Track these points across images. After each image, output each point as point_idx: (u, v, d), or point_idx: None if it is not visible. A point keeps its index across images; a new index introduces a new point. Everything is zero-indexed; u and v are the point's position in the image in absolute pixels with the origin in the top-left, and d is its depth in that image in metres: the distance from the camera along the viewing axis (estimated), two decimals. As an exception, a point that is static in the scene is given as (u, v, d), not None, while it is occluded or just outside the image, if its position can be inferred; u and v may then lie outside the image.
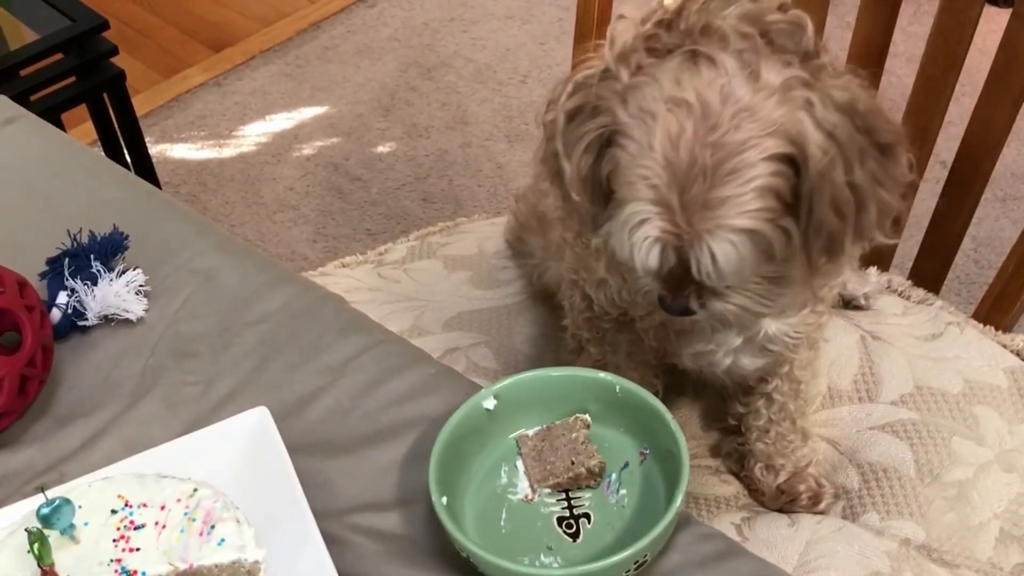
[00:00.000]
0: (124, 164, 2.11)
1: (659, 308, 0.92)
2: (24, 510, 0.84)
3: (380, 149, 2.55)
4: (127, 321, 1.03)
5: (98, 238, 1.07)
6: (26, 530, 0.78)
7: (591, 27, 1.40)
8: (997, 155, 1.24)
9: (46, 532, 0.78)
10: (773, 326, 1.02)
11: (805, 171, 0.81)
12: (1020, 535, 1.07)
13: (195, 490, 0.82)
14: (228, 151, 2.58)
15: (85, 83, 2.00)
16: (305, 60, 2.84)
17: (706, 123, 0.80)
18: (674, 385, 1.17)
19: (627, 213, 0.83)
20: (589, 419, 0.90)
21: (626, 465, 0.88)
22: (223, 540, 0.79)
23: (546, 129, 0.92)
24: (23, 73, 1.95)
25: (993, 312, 1.25)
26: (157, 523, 0.81)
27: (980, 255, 2.13)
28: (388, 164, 2.50)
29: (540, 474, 0.87)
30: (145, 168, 2.17)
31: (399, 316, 1.30)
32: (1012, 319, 1.25)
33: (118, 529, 0.80)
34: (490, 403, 0.89)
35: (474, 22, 2.90)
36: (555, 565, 0.82)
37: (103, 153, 2.08)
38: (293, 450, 0.86)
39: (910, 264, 1.34)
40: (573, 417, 0.89)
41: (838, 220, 0.83)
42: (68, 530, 0.80)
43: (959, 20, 1.19)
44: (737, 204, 0.80)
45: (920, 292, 1.30)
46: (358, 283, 1.36)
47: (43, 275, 1.06)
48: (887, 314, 1.26)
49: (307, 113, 2.67)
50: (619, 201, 0.85)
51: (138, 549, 0.79)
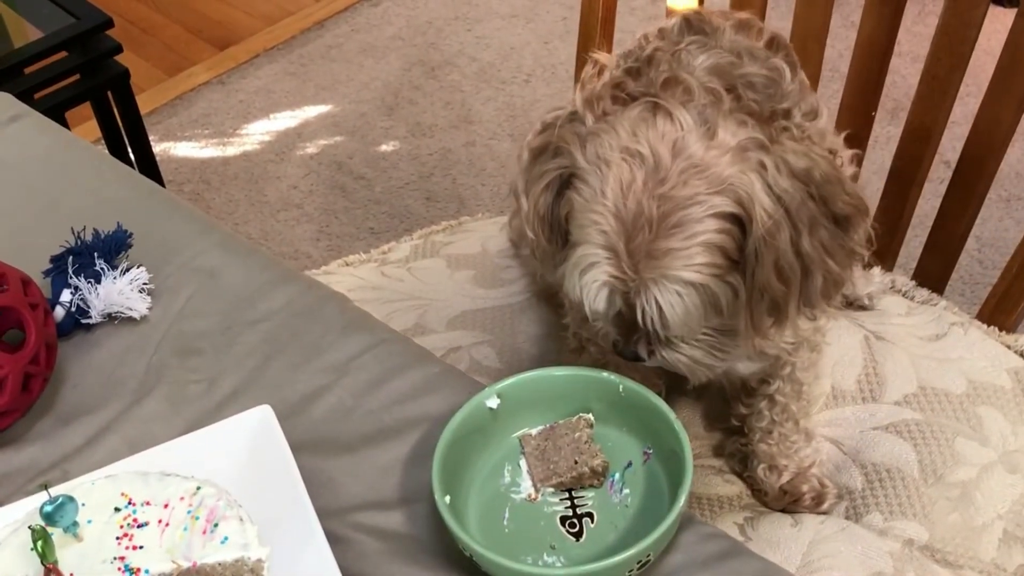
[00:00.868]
0: (128, 162, 2.10)
1: (613, 351, 0.93)
2: (27, 507, 0.84)
3: (384, 148, 2.55)
4: (130, 319, 1.03)
5: (102, 236, 1.07)
6: (29, 527, 0.78)
7: (595, 26, 1.40)
8: (1002, 155, 1.24)
9: (49, 530, 0.78)
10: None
11: (749, 232, 0.82)
12: (1023, 536, 1.07)
13: (198, 488, 0.82)
14: (232, 149, 2.58)
15: (89, 81, 2.00)
16: (309, 59, 2.84)
17: (656, 175, 0.81)
18: (677, 385, 1.17)
19: (578, 255, 0.85)
20: (592, 419, 0.90)
21: (629, 465, 0.88)
22: (226, 538, 0.79)
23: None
24: (27, 71, 1.95)
25: (997, 312, 1.25)
26: (160, 521, 0.81)
27: (984, 255, 2.13)
28: (392, 163, 2.50)
29: (543, 473, 0.87)
30: (149, 166, 2.17)
31: (402, 315, 1.30)
32: (1016, 320, 1.25)
33: (121, 527, 0.81)
34: (493, 402, 0.89)
35: (478, 21, 2.90)
36: (558, 564, 0.82)
37: (107, 151, 2.08)
38: (296, 448, 0.86)
39: (914, 264, 1.34)
40: (576, 416, 0.89)
41: (781, 285, 0.84)
42: (71, 528, 0.80)
43: (964, 20, 1.19)
44: (681, 256, 0.82)
45: (924, 292, 1.29)
46: (361, 282, 1.36)
47: (47, 273, 1.06)
48: (891, 314, 1.25)
49: (311, 112, 2.67)
50: (573, 243, 0.87)
51: (141, 547, 0.79)
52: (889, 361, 1.19)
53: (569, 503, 0.86)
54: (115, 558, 0.79)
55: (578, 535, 0.84)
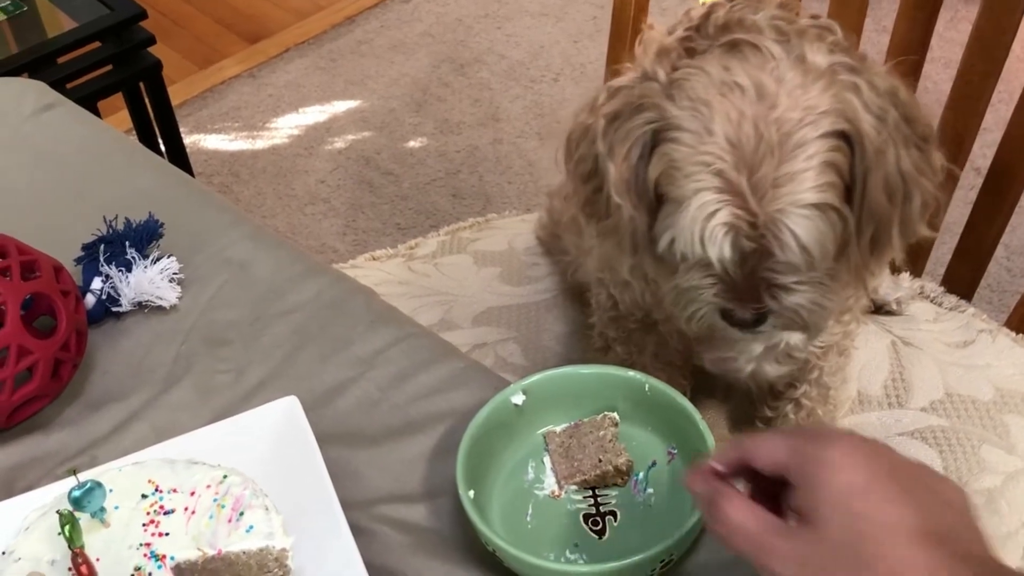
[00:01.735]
0: (158, 153, 2.12)
1: (721, 326, 0.88)
2: (56, 492, 0.84)
3: (411, 144, 2.55)
4: (160, 308, 1.04)
5: (133, 225, 1.08)
6: (57, 512, 0.78)
7: (627, 25, 1.40)
8: (1033, 163, 1.23)
9: (77, 515, 0.79)
10: (795, 336, 1.01)
11: (860, 150, 0.80)
12: (1048, 546, 1.06)
13: (225, 477, 0.83)
14: (261, 143, 2.60)
15: (122, 72, 2.01)
16: (339, 54, 2.85)
17: (764, 103, 0.79)
18: (702, 386, 1.17)
19: (693, 207, 0.81)
20: (617, 417, 0.90)
21: (653, 464, 0.88)
22: (252, 527, 0.79)
23: (573, 152, 0.91)
24: (61, 61, 1.96)
25: (1026, 320, 1.25)
26: (187, 508, 0.81)
27: (1013, 263, 2.12)
28: (419, 159, 2.51)
29: (567, 471, 0.87)
30: (179, 158, 2.18)
31: (428, 310, 1.30)
32: (1045, 328, 1.24)
33: (148, 513, 0.81)
34: (519, 398, 0.89)
35: (508, 19, 2.91)
36: (580, 562, 0.82)
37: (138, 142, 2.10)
38: (322, 440, 0.86)
39: (942, 271, 1.33)
40: (601, 415, 0.89)
41: (889, 204, 0.82)
42: (99, 513, 0.80)
43: (999, 25, 1.18)
44: (805, 179, 0.79)
45: (952, 299, 1.29)
46: (388, 276, 1.37)
47: (78, 260, 1.07)
48: (919, 320, 1.25)
49: (340, 107, 2.68)
50: (676, 202, 0.83)
51: (167, 534, 0.80)
52: (916, 367, 1.18)
53: (592, 501, 0.86)
54: (141, 544, 0.79)
55: (601, 533, 0.84)
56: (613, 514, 0.85)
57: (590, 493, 0.87)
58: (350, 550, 0.79)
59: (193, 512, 0.81)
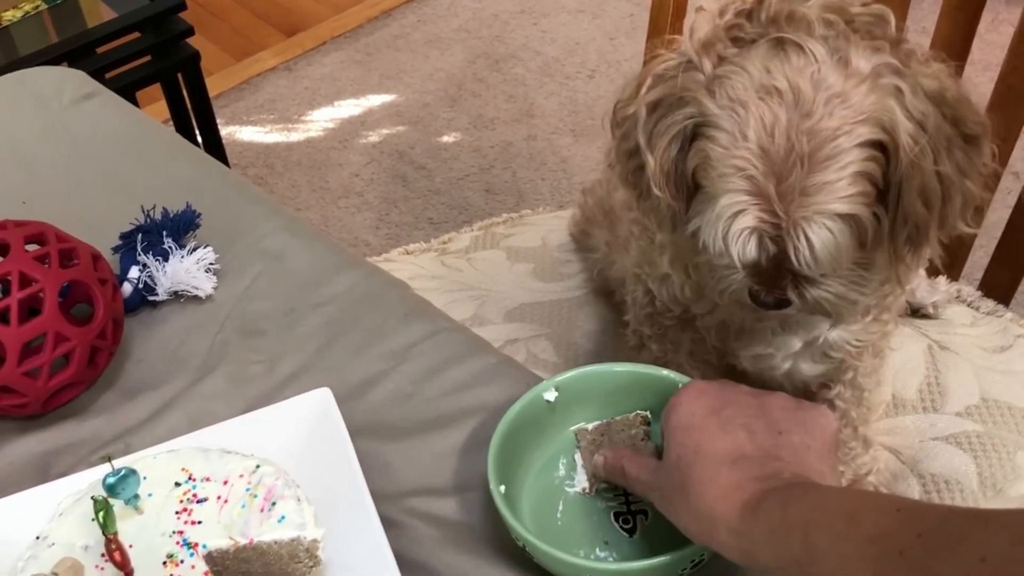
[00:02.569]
0: (195, 144, 2.13)
1: (749, 305, 0.90)
2: (90, 478, 0.85)
3: (445, 139, 2.55)
4: (196, 298, 1.05)
5: (171, 215, 1.09)
6: (92, 498, 0.79)
7: (665, 22, 1.39)
8: (1075, 167, 1.22)
9: (111, 501, 0.79)
10: (834, 332, 1.01)
11: (896, 159, 0.80)
12: (1083, 555, 1.05)
13: (257, 466, 0.83)
14: (296, 135, 2.61)
15: (160, 62, 2.03)
16: (375, 48, 2.85)
17: (800, 110, 0.79)
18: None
19: (721, 205, 0.82)
20: (649, 416, 0.89)
21: (686, 463, 0.87)
22: (283, 517, 0.79)
23: (619, 126, 0.91)
24: (100, 51, 1.98)
25: (1064, 326, 1.23)
26: (219, 497, 0.81)
27: (1051, 269, 2.09)
28: (453, 154, 2.51)
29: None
30: (215, 149, 2.20)
31: (461, 305, 1.30)
32: (1084, 334, 1.22)
33: (181, 501, 0.82)
34: (551, 395, 0.89)
35: (544, 15, 2.90)
36: (611, 560, 0.82)
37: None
38: (354, 432, 0.86)
39: (980, 275, 1.32)
40: (633, 414, 0.89)
41: (925, 210, 0.82)
42: (132, 500, 0.81)
43: (1043, 28, 1.16)
44: (835, 190, 0.80)
45: (990, 303, 1.27)
46: (421, 270, 1.37)
47: (116, 249, 1.08)
48: (955, 324, 1.24)
49: (375, 100, 2.69)
50: (708, 195, 0.84)
51: (200, 522, 0.80)
52: (952, 371, 1.17)
53: (623, 499, 0.86)
54: (174, 532, 0.80)
55: (631, 531, 0.84)
56: (644, 513, 0.85)
57: (621, 491, 0.87)
58: (380, 542, 0.79)
59: (226, 501, 0.81)
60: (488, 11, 2.94)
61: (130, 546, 0.78)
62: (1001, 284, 1.30)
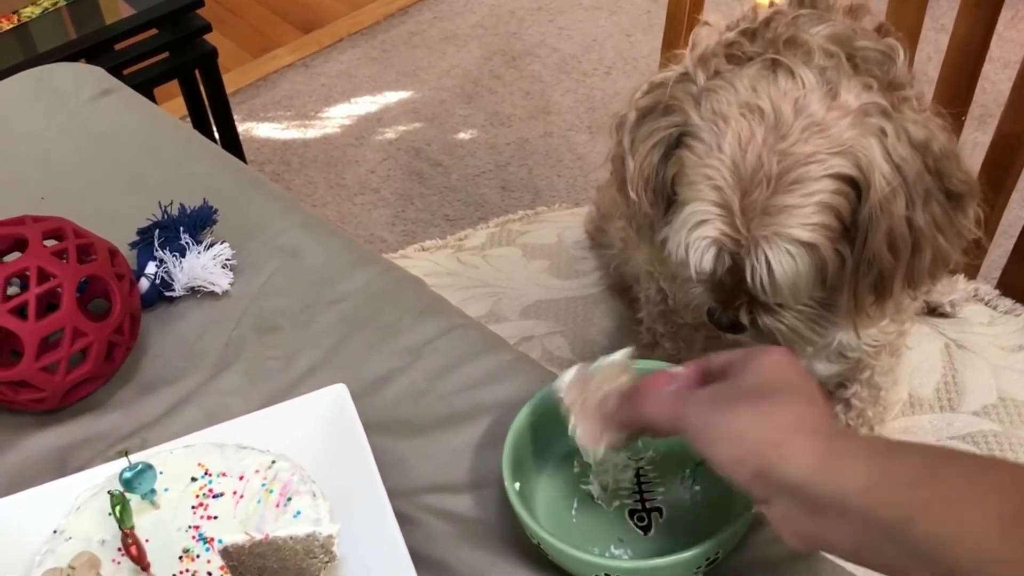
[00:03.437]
0: (212, 140, 2.14)
1: (708, 321, 0.92)
2: (107, 473, 0.85)
3: (461, 136, 2.56)
4: (212, 293, 1.05)
5: (188, 211, 1.09)
6: (109, 492, 0.79)
7: (682, 19, 1.39)
8: (1093, 166, 1.21)
9: (128, 496, 0.79)
10: (847, 335, 1.01)
11: (866, 197, 0.80)
12: (1101, 555, 1.04)
13: (273, 462, 0.83)
14: (312, 132, 2.61)
15: (178, 59, 2.03)
16: (391, 44, 2.86)
17: (776, 132, 0.80)
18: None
19: (687, 213, 0.84)
20: (630, 358, 0.81)
21: (702, 461, 0.87)
22: (299, 512, 0.80)
23: (616, 126, 0.92)
24: (118, 47, 1.99)
25: (1082, 326, 1.22)
26: (235, 492, 0.82)
27: (1069, 268, 2.08)
28: (469, 151, 2.51)
29: (586, 429, 0.79)
30: (232, 145, 2.20)
31: (477, 301, 1.30)
32: (1102, 334, 1.22)
33: (197, 496, 0.82)
34: (566, 392, 0.88)
35: (561, 11, 2.90)
36: (625, 557, 0.82)
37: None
38: (369, 428, 0.87)
39: (997, 274, 1.32)
40: (619, 354, 0.80)
41: (891, 257, 0.82)
42: (149, 495, 0.81)
43: (1063, 25, 1.16)
44: (797, 215, 0.81)
45: (1007, 302, 1.27)
46: (437, 267, 1.37)
47: (133, 245, 1.08)
48: (973, 323, 1.23)
49: (391, 97, 2.69)
50: (680, 203, 0.86)
51: (216, 517, 0.80)
52: (969, 370, 1.17)
53: (638, 497, 0.86)
54: (190, 526, 0.80)
55: (646, 529, 0.84)
56: (659, 511, 0.85)
57: (636, 489, 0.86)
58: (395, 538, 0.79)
59: (241, 496, 0.82)
60: (505, 7, 2.93)
61: (146, 540, 0.79)
62: (1019, 283, 1.29)
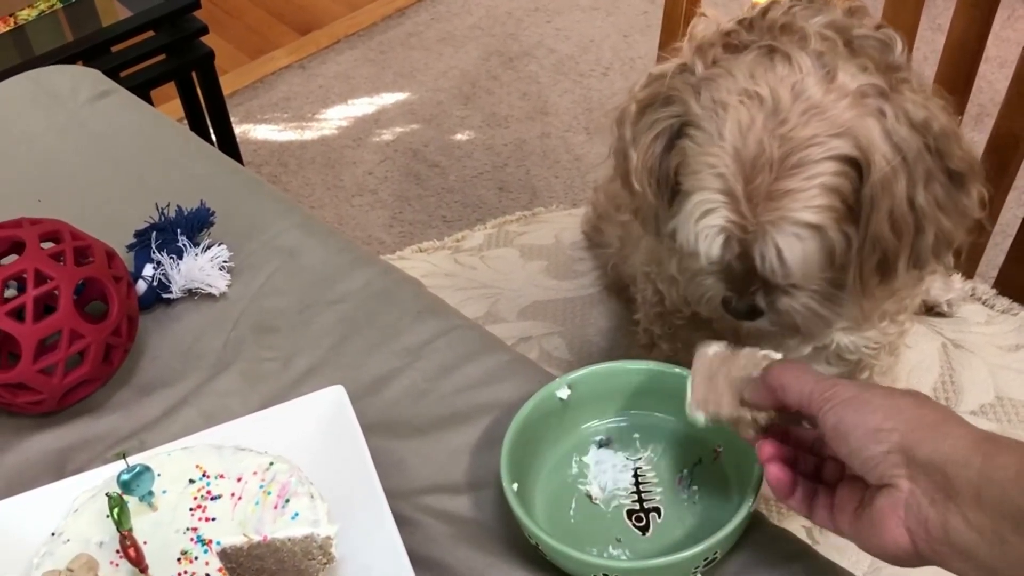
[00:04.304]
0: (209, 142, 2.14)
1: (722, 312, 0.91)
2: (105, 475, 0.85)
3: (459, 137, 2.55)
4: (210, 295, 1.05)
5: (185, 213, 1.09)
6: (107, 495, 0.79)
7: (679, 20, 1.39)
8: (1090, 165, 1.21)
9: (126, 498, 0.79)
10: (846, 337, 1.01)
11: (867, 177, 0.80)
12: (1099, 554, 1.04)
13: (271, 464, 0.83)
14: (310, 134, 2.61)
15: (175, 61, 2.03)
16: (389, 46, 2.85)
17: (776, 117, 0.80)
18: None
19: (693, 202, 0.84)
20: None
21: (699, 461, 0.87)
22: (297, 514, 0.80)
23: (619, 124, 0.92)
24: (115, 49, 1.99)
25: (1080, 325, 1.22)
26: (233, 494, 0.82)
27: (1067, 267, 2.08)
28: (466, 152, 2.51)
29: (702, 395, 0.79)
30: (229, 147, 2.20)
31: (474, 302, 1.30)
32: (1100, 333, 1.22)
33: (195, 498, 0.82)
34: (564, 392, 0.89)
35: (558, 12, 2.90)
36: (623, 558, 0.82)
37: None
38: (367, 429, 0.87)
39: (995, 273, 1.32)
40: (762, 353, 0.80)
41: (894, 237, 0.82)
42: (147, 497, 0.81)
43: (1059, 25, 1.16)
44: (801, 198, 0.81)
45: (1005, 301, 1.27)
46: (435, 268, 1.37)
47: (131, 247, 1.08)
48: (970, 322, 1.23)
49: (388, 99, 2.69)
50: (685, 193, 0.86)
51: (214, 519, 0.80)
52: (967, 370, 1.17)
53: (636, 497, 0.86)
54: (188, 528, 0.80)
55: (644, 529, 0.84)
56: (657, 511, 0.85)
57: (634, 489, 0.86)
58: (394, 539, 0.79)
59: (240, 498, 0.82)
60: (502, 9, 2.93)
61: (144, 542, 0.79)
62: (1016, 282, 1.29)
